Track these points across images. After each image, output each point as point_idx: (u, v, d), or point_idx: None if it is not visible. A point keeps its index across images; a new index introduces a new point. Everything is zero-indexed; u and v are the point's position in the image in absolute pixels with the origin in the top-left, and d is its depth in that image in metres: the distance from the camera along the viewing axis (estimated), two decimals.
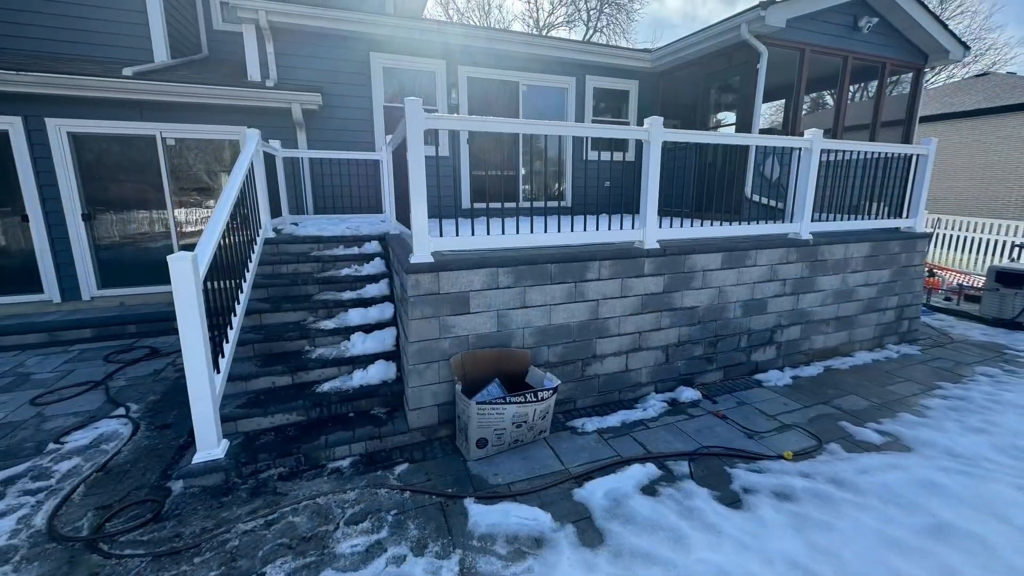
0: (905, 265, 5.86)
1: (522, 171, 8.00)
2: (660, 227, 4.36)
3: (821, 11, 6.77)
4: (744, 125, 6.81)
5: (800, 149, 4.96)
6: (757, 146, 6.09)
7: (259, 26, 6.35)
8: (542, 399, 3.63)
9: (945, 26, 7.56)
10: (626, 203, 7.72)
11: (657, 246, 4.31)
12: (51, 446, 3.57)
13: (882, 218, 5.81)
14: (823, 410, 4.30)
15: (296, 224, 6.04)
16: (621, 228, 4.27)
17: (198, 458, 3.22)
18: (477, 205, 7.63)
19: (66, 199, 6.09)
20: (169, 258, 2.87)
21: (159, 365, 5.32)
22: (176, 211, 6.62)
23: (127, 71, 5.80)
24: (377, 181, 6.97)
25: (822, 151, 4.98)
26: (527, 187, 8.18)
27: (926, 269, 8.81)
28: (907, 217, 5.96)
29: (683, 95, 8.60)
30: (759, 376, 5.01)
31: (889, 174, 5.79)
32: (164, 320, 6.15)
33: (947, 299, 8.32)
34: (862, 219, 5.60)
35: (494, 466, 3.43)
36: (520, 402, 3.54)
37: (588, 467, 3.40)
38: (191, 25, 8.43)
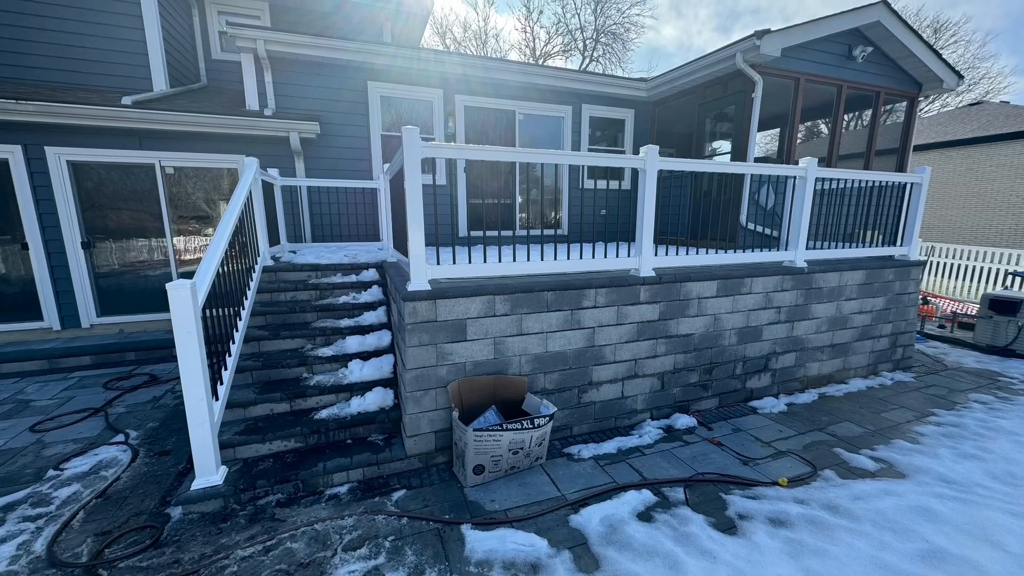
0: (899, 293, 6.05)
1: (519, 199, 8.20)
2: (656, 255, 4.54)
3: (816, 40, 7.00)
4: (739, 154, 7.01)
5: (795, 177, 5.16)
6: (752, 175, 6.31)
7: (257, 55, 6.57)
8: (538, 426, 3.75)
9: (939, 55, 7.81)
10: (622, 231, 7.98)
11: (653, 274, 4.48)
12: (51, 472, 3.67)
13: (876, 246, 6.03)
14: (818, 437, 4.43)
15: (294, 252, 6.21)
16: (617, 256, 4.45)
17: (197, 484, 3.32)
18: (474, 233, 7.81)
19: (65, 227, 6.26)
20: (168, 286, 2.98)
21: (158, 392, 5.43)
22: (175, 239, 6.80)
23: (126, 100, 6.01)
24: (375, 209, 7.18)
25: (817, 179, 5.19)
26: (524, 215, 8.35)
27: (920, 297, 9.03)
28: (901, 245, 6.18)
29: (679, 124, 8.88)
30: (754, 403, 5.15)
31: (883, 202, 6.00)
32: (163, 347, 6.30)
33: (941, 326, 8.52)
34: (857, 247, 5.81)
35: (491, 492, 3.54)
36: (517, 429, 3.66)
37: (584, 493, 3.50)
38: (190, 54, 8.74)
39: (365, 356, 4.57)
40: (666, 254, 4.69)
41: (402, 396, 3.98)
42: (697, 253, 4.87)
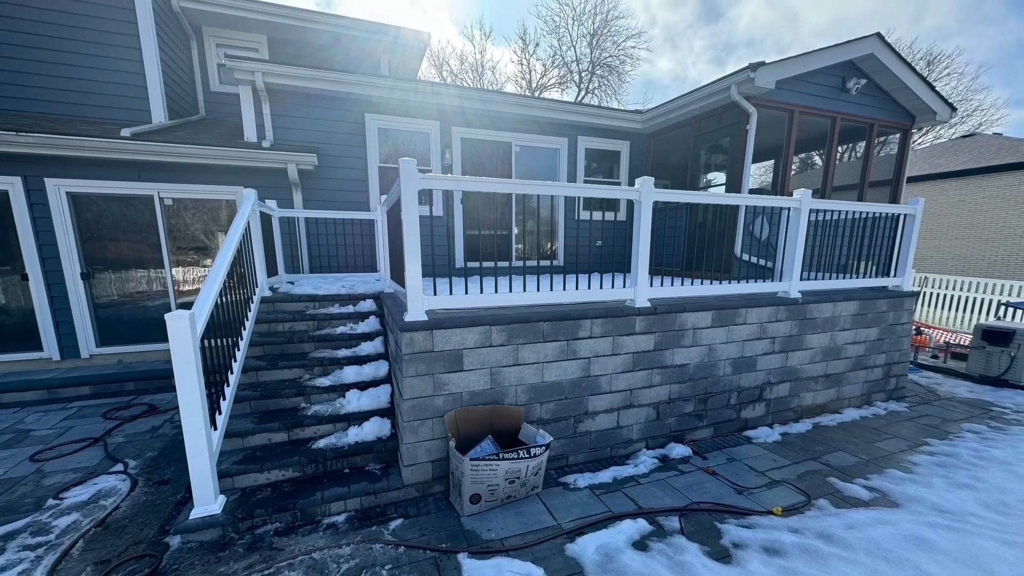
0: (892, 323, 6.27)
1: (515, 230, 8.45)
2: (651, 286, 4.75)
3: (810, 73, 7.24)
4: (734, 185, 7.25)
5: (789, 209, 5.38)
6: (747, 206, 6.55)
7: (256, 87, 6.82)
8: (535, 455, 3.90)
9: (932, 87, 8.07)
10: (617, 262, 8.19)
11: (648, 305, 4.68)
12: (50, 502, 3.78)
13: (870, 277, 6.27)
14: (812, 466, 4.57)
15: (292, 283, 6.40)
16: (612, 287, 4.64)
17: (195, 513, 3.44)
18: (471, 264, 8.00)
19: (65, 258, 6.45)
20: (167, 316, 3.13)
21: (157, 422, 5.56)
22: (174, 270, 6.99)
23: (125, 132, 6.25)
24: (372, 240, 7.41)
25: (811, 211, 5.42)
26: (520, 246, 8.63)
27: (913, 327, 9.26)
28: (895, 276, 6.42)
29: (674, 155, 9.18)
30: (749, 432, 5.31)
31: (877, 233, 6.26)
32: (162, 377, 6.46)
33: (934, 357, 8.73)
34: (850, 278, 6.05)
35: (487, 521, 3.66)
36: (513, 458, 3.81)
37: (580, 522, 3.63)
38: (188, 86, 9.09)
39: (362, 386, 4.73)
40: (661, 285, 4.89)
41: (399, 426, 4.13)
42: (692, 284, 5.10)
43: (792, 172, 9.01)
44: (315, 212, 6.84)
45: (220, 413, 3.83)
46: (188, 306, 3.39)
